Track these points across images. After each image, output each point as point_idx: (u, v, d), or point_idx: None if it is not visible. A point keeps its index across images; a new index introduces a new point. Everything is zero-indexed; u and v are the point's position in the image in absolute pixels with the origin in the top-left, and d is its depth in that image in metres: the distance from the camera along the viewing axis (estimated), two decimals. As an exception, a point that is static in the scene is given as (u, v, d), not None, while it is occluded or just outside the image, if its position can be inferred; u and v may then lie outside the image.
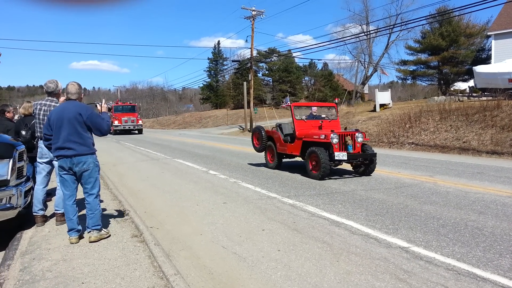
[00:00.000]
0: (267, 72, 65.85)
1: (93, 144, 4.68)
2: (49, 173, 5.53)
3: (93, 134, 4.70)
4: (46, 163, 5.41)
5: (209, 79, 71.96)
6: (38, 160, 5.45)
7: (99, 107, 4.82)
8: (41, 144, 5.38)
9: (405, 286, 3.38)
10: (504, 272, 3.57)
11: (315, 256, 4.14)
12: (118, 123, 35.13)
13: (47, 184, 5.54)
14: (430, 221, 5.23)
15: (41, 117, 5.30)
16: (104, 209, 5.95)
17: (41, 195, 5.40)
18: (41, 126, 5.30)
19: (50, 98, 5.40)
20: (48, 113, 5.29)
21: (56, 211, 5.36)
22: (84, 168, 4.51)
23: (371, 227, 5.06)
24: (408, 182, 8.03)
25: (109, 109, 4.97)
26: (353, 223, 5.28)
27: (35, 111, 5.37)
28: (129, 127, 35.83)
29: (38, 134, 5.38)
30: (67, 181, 4.58)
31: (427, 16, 40.40)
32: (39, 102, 5.45)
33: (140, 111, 40.51)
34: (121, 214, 5.92)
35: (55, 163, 5.31)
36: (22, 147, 5.47)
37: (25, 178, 5.43)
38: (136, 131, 36.80)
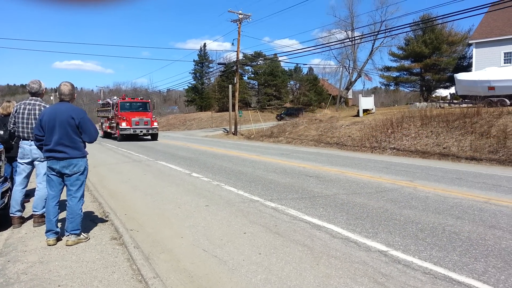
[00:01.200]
0: (252, 75, 66.03)
1: (85, 147, 4.64)
2: (29, 174, 5.42)
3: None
4: (27, 163, 5.31)
5: (194, 81, 71.76)
6: (18, 160, 5.33)
7: None
8: (22, 144, 5.27)
9: (383, 289, 3.42)
10: (479, 275, 3.65)
11: (295, 260, 4.16)
12: (127, 125, 24.90)
13: (26, 185, 5.44)
14: (409, 225, 5.31)
15: (25, 116, 5.21)
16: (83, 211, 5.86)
17: (20, 196, 5.29)
18: (24, 126, 5.20)
19: (34, 98, 5.32)
20: (33, 112, 5.20)
21: (34, 213, 5.26)
22: (74, 171, 4.49)
23: (351, 231, 5.11)
24: (388, 187, 8.13)
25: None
26: (334, 226, 5.32)
27: (18, 110, 5.26)
28: (141, 131, 25.35)
29: (20, 134, 5.27)
30: (53, 182, 4.54)
31: (411, 23, 41.24)
32: (23, 102, 5.36)
33: (155, 110, 30.68)
34: (100, 216, 5.84)
35: (38, 163, 5.22)
36: (1, 147, 5.35)
37: (2, 178, 5.32)
38: (149, 137, 26.70)
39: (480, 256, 4.15)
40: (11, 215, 5.28)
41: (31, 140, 5.18)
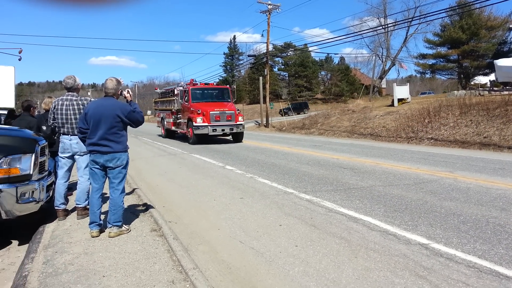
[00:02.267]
0: (283, 66, 65.68)
1: (127, 141, 4.80)
2: (70, 168, 5.63)
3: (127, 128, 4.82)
4: (67, 157, 5.51)
5: (225, 74, 72.14)
6: (59, 154, 5.55)
7: (126, 95, 4.89)
8: (62, 139, 5.47)
9: (425, 283, 3.34)
10: (528, 270, 3.49)
11: (333, 252, 4.12)
12: (204, 121, 17.34)
13: (68, 179, 5.65)
14: (451, 218, 5.15)
15: (63, 111, 5.40)
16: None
17: (63, 189, 5.51)
18: (63, 121, 5.39)
19: (70, 93, 5.50)
20: (71, 108, 5.39)
21: (77, 205, 5.46)
22: (118, 164, 4.64)
23: (389, 223, 5.00)
24: (427, 178, 7.90)
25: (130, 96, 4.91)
26: (371, 219, 5.23)
27: (56, 106, 5.46)
28: (223, 130, 17.77)
29: (60, 129, 5.48)
30: (97, 175, 4.71)
31: (447, 8, 39.67)
32: (60, 98, 5.56)
33: (235, 99, 21.23)
34: (140, 208, 6.00)
35: (78, 157, 5.41)
36: (44, 142, 5.57)
37: (47, 172, 5.54)
38: (231, 137, 19.12)
39: (529, 250, 3.97)
40: (56, 208, 5.51)
41: (71, 135, 5.37)
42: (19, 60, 20.57)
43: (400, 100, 25.69)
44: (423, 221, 5.07)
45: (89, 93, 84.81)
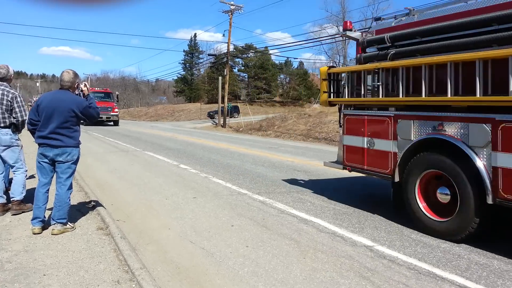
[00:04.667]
0: (243, 68, 65.82)
1: (79, 136, 4.66)
2: (4, 160, 5.30)
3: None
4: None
5: (183, 72, 71.25)
6: None
7: (83, 88, 4.70)
8: None
9: (368, 284, 3.47)
10: (462, 272, 3.73)
11: (282, 253, 4.18)
12: None
13: (4, 172, 5.34)
14: (395, 221, 5.38)
15: None
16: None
17: (0, 183, 5.20)
18: None
19: (0, 82, 5.20)
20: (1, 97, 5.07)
21: (12, 199, 5.16)
22: (68, 159, 4.50)
23: (338, 226, 5.15)
24: (376, 181, 8.21)
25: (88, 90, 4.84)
26: (320, 221, 5.36)
27: None
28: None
29: None
30: (45, 169, 4.53)
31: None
32: None
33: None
34: (87, 206, 5.78)
35: (9, 149, 5.09)
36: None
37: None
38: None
39: (464, 253, 4.22)
40: (-8, 202, 5.18)
41: None
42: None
43: (354, 106, 26.48)
44: (369, 224, 5.26)
45: (37, 84, 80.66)
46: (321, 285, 3.44)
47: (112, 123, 31.03)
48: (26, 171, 5.39)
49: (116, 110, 31.48)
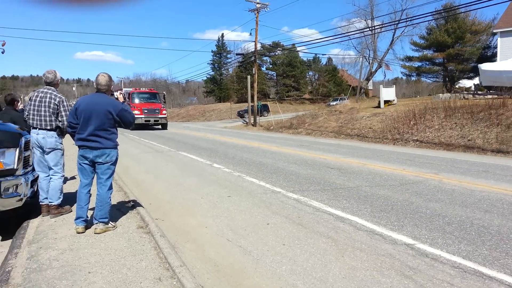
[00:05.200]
0: (271, 66, 65.70)
1: (117, 138, 4.77)
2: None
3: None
4: (40, 152, 5.28)
5: (212, 72, 71.85)
6: (32, 149, 5.38)
7: (118, 96, 4.85)
8: (31, 132, 5.30)
9: (410, 282, 3.38)
10: (511, 271, 3.57)
11: (320, 251, 4.14)
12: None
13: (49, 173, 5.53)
14: (436, 219, 5.22)
15: (36, 103, 5.22)
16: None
17: (45, 184, 5.39)
18: (34, 113, 5.21)
19: (48, 87, 5.37)
20: (44, 100, 5.21)
21: (50, 204, 5.28)
22: (107, 160, 4.63)
23: (376, 223, 5.05)
24: (413, 179, 8.00)
25: (124, 99, 4.97)
26: (358, 219, 5.27)
27: (31, 98, 5.32)
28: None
29: (30, 121, 5.29)
30: (85, 170, 4.68)
31: (432, 12, 40.14)
32: (37, 90, 5.44)
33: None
34: (126, 205, 5.93)
35: (47, 154, 5.24)
36: (29, 137, 5.46)
37: (31, 167, 5.44)
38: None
39: None
40: (40, 203, 5.40)
41: (39, 129, 5.21)
42: (2, 53, 20.16)
43: (386, 102, 25.99)
44: (409, 221, 5.13)
45: (74, 88, 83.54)
46: (362, 283, 3.39)
47: (160, 126, 27.83)
48: (63, 176, 5.48)
49: (164, 112, 27.74)
